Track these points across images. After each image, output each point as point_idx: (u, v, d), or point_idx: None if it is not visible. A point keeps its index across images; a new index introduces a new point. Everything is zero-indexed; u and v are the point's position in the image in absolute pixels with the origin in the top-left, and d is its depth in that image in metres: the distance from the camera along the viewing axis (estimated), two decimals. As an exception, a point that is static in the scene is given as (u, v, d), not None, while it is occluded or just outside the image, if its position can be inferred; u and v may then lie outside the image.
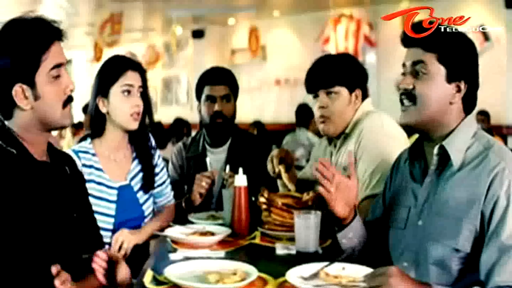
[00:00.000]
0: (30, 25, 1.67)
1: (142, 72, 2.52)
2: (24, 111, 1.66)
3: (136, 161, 2.56)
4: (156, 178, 2.61)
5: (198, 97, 3.10)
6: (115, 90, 2.44)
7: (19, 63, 1.62)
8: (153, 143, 2.65)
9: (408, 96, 1.81)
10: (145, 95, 2.51)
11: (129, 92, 2.44)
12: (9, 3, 9.01)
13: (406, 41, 1.85)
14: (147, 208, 2.55)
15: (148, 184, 2.56)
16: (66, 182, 1.82)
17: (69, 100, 1.72)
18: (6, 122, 1.70)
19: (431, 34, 1.79)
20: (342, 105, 2.44)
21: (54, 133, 9.98)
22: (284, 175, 2.53)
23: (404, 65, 1.84)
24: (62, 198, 1.77)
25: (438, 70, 1.77)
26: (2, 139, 1.65)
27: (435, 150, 1.78)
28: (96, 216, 2.36)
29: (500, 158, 1.67)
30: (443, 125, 1.79)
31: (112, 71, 2.48)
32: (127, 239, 2.37)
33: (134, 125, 2.46)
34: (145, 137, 2.60)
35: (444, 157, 1.77)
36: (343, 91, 2.44)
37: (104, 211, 2.41)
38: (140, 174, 2.55)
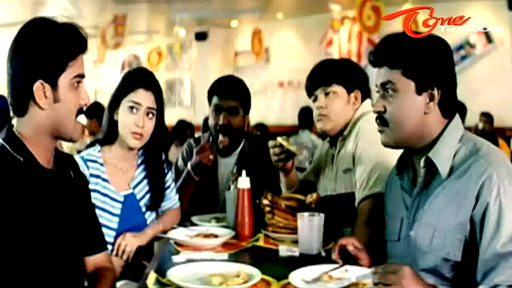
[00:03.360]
0: (64, 29, 1.68)
1: (157, 93, 2.45)
2: (40, 111, 1.65)
3: (140, 168, 2.54)
4: None
5: (209, 103, 3.06)
6: (124, 103, 2.42)
7: (46, 61, 1.63)
8: (165, 162, 2.64)
9: (381, 120, 1.82)
10: (158, 118, 2.46)
11: (134, 108, 2.40)
12: (13, 5, 9.03)
13: (374, 61, 1.84)
14: (149, 216, 2.53)
15: (154, 205, 2.54)
16: (70, 187, 1.82)
17: (80, 111, 1.73)
18: (16, 121, 1.69)
19: (394, 50, 1.77)
20: (340, 105, 2.46)
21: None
22: (285, 143, 2.50)
23: (376, 85, 1.84)
24: (67, 204, 1.76)
25: (406, 85, 1.75)
26: (10, 145, 1.64)
27: (422, 163, 1.76)
28: None
29: (488, 164, 1.64)
30: (424, 135, 1.77)
31: (125, 83, 2.45)
32: (129, 242, 2.37)
33: (134, 144, 2.43)
34: (157, 158, 2.57)
35: (432, 166, 1.75)
36: (341, 90, 2.46)
37: (106, 223, 2.39)
38: (144, 182, 2.54)
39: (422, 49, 1.76)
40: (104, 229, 2.36)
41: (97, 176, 2.43)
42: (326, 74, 2.49)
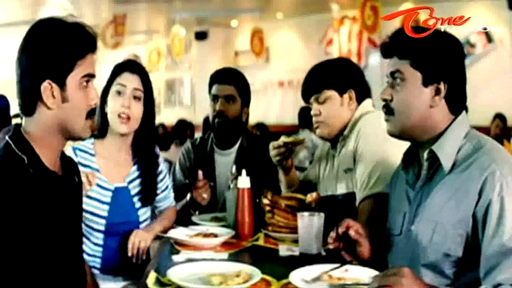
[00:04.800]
0: (72, 28, 1.67)
1: (142, 75, 2.46)
2: (48, 110, 1.64)
3: (136, 165, 2.53)
4: (160, 184, 2.60)
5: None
6: (111, 90, 2.44)
7: (54, 60, 1.62)
8: (159, 155, 2.63)
9: (387, 108, 1.85)
10: (146, 100, 2.45)
11: (120, 92, 2.41)
12: (13, 5, 9.03)
13: (385, 52, 1.87)
14: (143, 213, 2.52)
15: (147, 199, 2.53)
16: (74, 192, 1.81)
17: (91, 112, 1.72)
18: (24, 120, 1.68)
19: (404, 41, 1.80)
20: (334, 108, 2.46)
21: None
22: (289, 139, 2.51)
23: (386, 75, 1.86)
24: (70, 209, 1.75)
25: (413, 76, 1.77)
26: (15, 143, 1.62)
27: (425, 155, 1.77)
28: (88, 215, 2.35)
29: (491, 160, 1.64)
30: (429, 129, 1.79)
31: (112, 72, 2.48)
32: (143, 238, 2.36)
33: (122, 129, 2.42)
34: (147, 145, 2.55)
35: (435, 160, 1.76)
36: (333, 94, 2.45)
37: (96, 211, 2.39)
38: (139, 180, 2.52)
39: (431, 42, 1.78)
40: (94, 217, 2.37)
41: (86, 166, 2.42)
42: (316, 81, 2.50)
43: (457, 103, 1.79)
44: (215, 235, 2.28)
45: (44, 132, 1.66)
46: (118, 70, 2.46)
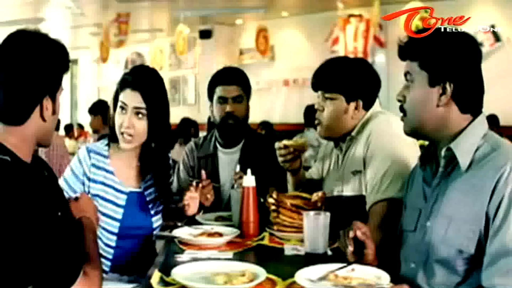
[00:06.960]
0: (57, 43, 1.73)
1: (144, 91, 2.38)
2: (41, 122, 1.70)
3: (152, 173, 2.52)
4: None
5: (210, 98, 3.07)
6: (118, 104, 2.42)
7: (52, 77, 1.70)
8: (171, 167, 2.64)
9: (401, 109, 1.90)
10: (151, 115, 2.38)
11: (123, 109, 2.38)
12: (15, 3, 9.04)
13: (400, 55, 1.90)
14: (156, 220, 2.51)
15: (161, 206, 2.53)
16: (47, 183, 1.81)
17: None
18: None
19: (414, 44, 1.84)
20: (336, 112, 2.41)
21: (61, 132, 9.87)
22: (289, 142, 2.49)
23: None
24: (48, 198, 1.75)
25: (421, 76, 1.80)
26: None
27: (442, 153, 1.78)
28: (103, 217, 2.35)
29: (507, 159, 1.64)
30: (442, 127, 1.80)
31: (119, 84, 2.44)
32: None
33: (125, 145, 2.40)
34: (155, 158, 2.51)
35: (453, 159, 1.76)
36: (340, 98, 2.41)
37: (111, 213, 2.39)
38: (154, 188, 2.51)
39: (438, 43, 1.79)
40: (108, 220, 2.38)
41: (100, 168, 2.43)
42: (330, 79, 2.44)
43: (467, 103, 1.79)
44: (220, 234, 2.27)
45: (26, 141, 1.69)
46: (122, 84, 2.42)
